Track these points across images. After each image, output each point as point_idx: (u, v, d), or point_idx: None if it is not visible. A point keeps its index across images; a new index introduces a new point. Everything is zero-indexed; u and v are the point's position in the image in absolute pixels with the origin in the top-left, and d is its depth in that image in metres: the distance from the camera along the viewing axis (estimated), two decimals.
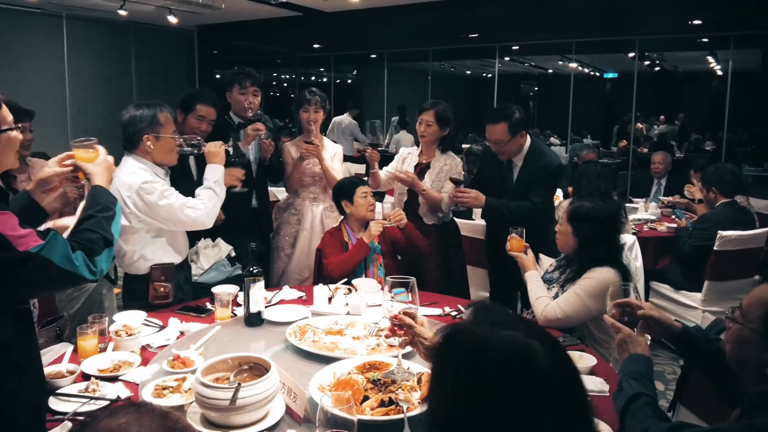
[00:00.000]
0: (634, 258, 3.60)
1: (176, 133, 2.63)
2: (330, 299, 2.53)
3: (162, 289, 2.59)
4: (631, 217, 4.69)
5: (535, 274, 2.55)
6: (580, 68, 14.48)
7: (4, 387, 1.33)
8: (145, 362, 1.96)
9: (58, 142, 3.14)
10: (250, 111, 3.27)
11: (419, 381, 1.70)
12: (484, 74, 15.05)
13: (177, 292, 2.65)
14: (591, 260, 2.39)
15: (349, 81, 14.41)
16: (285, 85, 15.09)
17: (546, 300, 2.42)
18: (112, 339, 2.07)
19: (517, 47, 10.55)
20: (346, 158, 6.09)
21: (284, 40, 10.22)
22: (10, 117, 1.55)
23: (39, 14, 7.32)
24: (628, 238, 3.58)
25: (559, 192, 4.95)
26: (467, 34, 8.92)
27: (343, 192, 3.08)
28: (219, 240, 3.17)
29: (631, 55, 9.33)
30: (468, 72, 15.82)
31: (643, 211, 4.88)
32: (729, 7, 6.74)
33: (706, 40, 8.62)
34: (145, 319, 2.30)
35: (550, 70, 16.37)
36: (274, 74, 14.90)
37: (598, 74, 15.59)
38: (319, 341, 2.06)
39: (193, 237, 3.01)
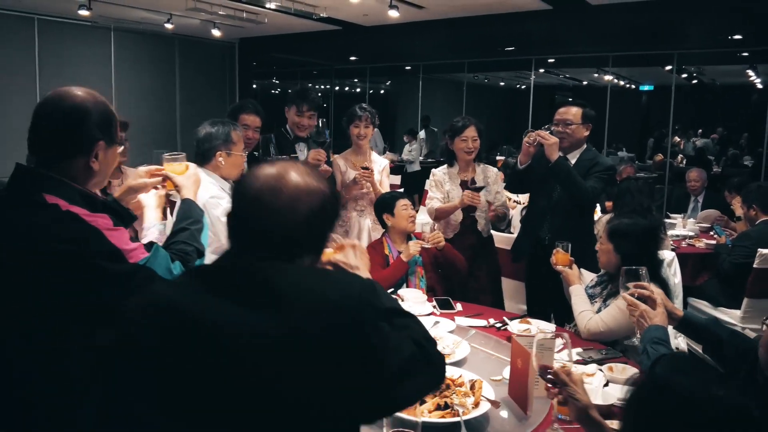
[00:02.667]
0: (673, 274, 3.62)
1: (245, 151, 2.82)
2: None
3: None
4: (669, 233, 4.70)
5: (580, 289, 2.62)
6: (615, 80, 14.42)
7: None
8: None
9: None
10: (303, 131, 3.43)
11: (472, 387, 1.79)
12: (518, 86, 15.06)
13: None
14: None
15: (383, 92, 14.58)
16: (320, 95, 15.34)
17: (589, 314, 2.49)
18: None
19: (553, 60, 10.58)
20: None
21: (322, 53, 10.45)
22: (120, 133, 1.68)
23: (88, 27, 7.67)
24: (667, 254, 3.61)
25: (597, 207, 5.00)
26: (504, 47, 9.00)
27: (384, 206, 3.19)
28: None
29: (669, 68, 9.29)
30: (502, 83, 15.85)
31: (681, 227, 4.88)
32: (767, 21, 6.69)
33: (746, 54, 8.54)
34: None
35: (585, 82, 16.31)
36: (310, 84, 15.17)
37: (633, 86, 15.47)
38: None
39: None
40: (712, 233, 4.67)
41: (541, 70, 13.23)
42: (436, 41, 8.76)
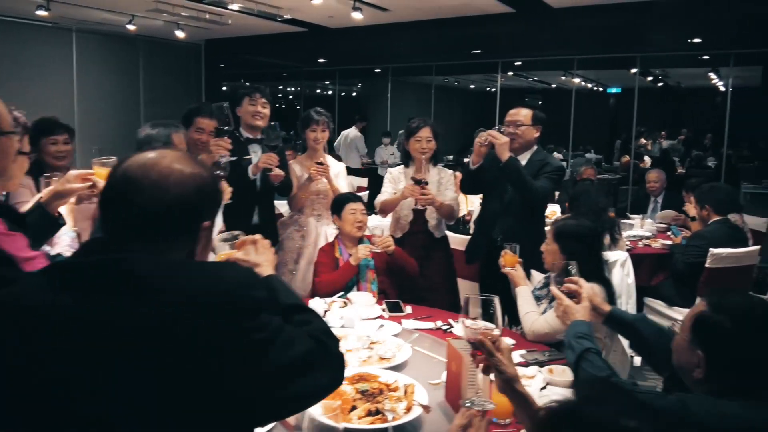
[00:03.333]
0: (626, 274, 3.66)
1: (189, 152, 2.76)
2: (325, 312, 2.60)
3: None
4: (626, 233, 4.75)
5: (526, 290, 2.62)
6: (583, 83, 14.61)
7: None
8: None
9: None
10: (259, 119, 3.36)
11: (405, 392, 1.77)
12: (489, 88, 15.18)
13: None
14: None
15: (354, 94, 14.56)
16: (291, 97, 15.26)
17: (535, 315, 2.49)
18: None
19: (519, 63, 10.67)
20: (351, 171, 6.19)
21: (290, 55, 10.38)
22: (9, 121, 1.57)
23: (49, 28, 7.50)
24: (620, 255, 3.65)
25: (557, 208, 5.04)
26: (470, 50, 9.05)
27: (334, 207, 3.18)
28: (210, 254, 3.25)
29: (634, 70, 9.45)
30: (472, 86, 15.96)
31: (638, 227, 4.94)
32: (728, 26, 6.85)
33: (707, 57, 8.72)
34: None
35: (553, 85, 16.51)
36: (280, 87, 15.08)
37: (601, 89, 15.70)
38: None
39: None
40: (669, 233, 4.74)
41: (510, 73, 13.38)
42: (404, 44, 8.77)
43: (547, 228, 3.37)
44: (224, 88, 11.22)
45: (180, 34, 7.72)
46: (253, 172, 3.29)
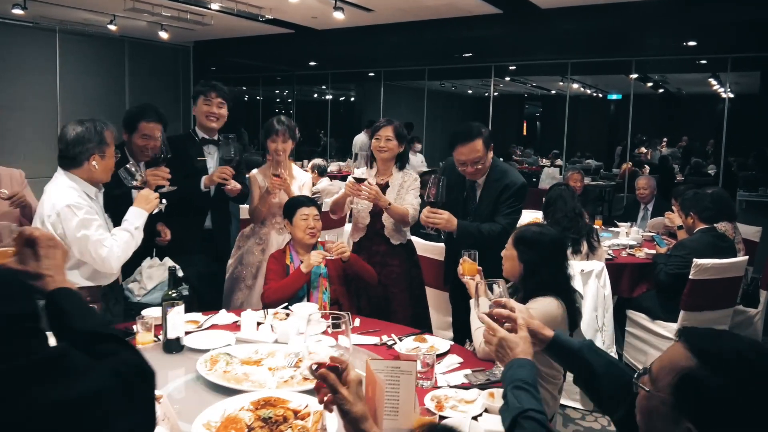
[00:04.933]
0: (602, 285, 3.46)
1: (117, 151, 2.58)
2: (258, 325, 2.41)
3: None
4: (611, 242, 4.54)
5: (482, 301, 2.42)
6: (582, 89, 14.42)
7: None
8: None
9: (49, 156, 3.08)
10: (213, 121, 3.19)
11: (320, 417, 1.57)
12: (486, 94, 15.03)
13: (105, 315, 2.54)
14: (536, 287, 2.27)
15: (348, 99, 14.41)
16: (288, 101, 15.13)
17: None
18: None
19: (514, 67, 10.49)
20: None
21: (280, 57, 10.24)
22: None
23: (31, 28, 7.36)
24: (595, 265, 3.45)
25: (539, 214, 4.83)
26: (461, 53, 8.87)
27: (285, 211, 2.99)
28: (167, 259, 3.06)
29: (634, 76, 9.25)
30: (470, 91, 15.79)
31: (624, 235, 4.72)
32: (724, 30, 6.63)
33: (704, 62, 8.50)
34: None
35: (552, 91, 16.30)
36: (277, 91, 14.95)
37: (601, 95, 15.49)
38: (230, 372, 1.94)
39: (138, 256, 2.90)
40: (654, 242, 4.52)
41: (507, 79, 13.20)
42: (393, 46, 8.60)
43: None
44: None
45: (164, 35, 7.57)
46: (206, 185, 3.11)
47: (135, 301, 2.86)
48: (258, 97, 13.96)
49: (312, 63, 10.75)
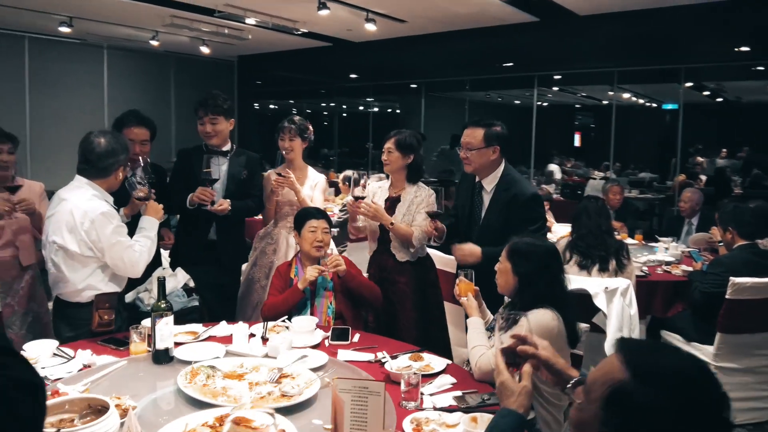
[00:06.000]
0: (628, 304, 3.25)
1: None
2: (250, 337, 2.38)
3: (106, 317, 2.53)
4: (646, 258, 4.30)
5: (477, 321, 2.31)
6: (634, 99, 13.93)
7: None
8: None
9: None
10: (211, 138, 3.22)
11: None
12: (539, 103, 14.72)
13: (116, 320, 2.58)
14: (532, 300, 2.15)
15: (392, 110, 14.42)
16: (332, 114, 15.28)
17: (482, 350, 2.17)
18: None
19: (559, 77, 10.22)
20: None
21: (321, 70, 10.35)
22: None
23: (80, 44, 7.70)
24: (620, 282, 3.25)
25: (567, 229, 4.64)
26: (502, 63, 8.71)
27: (296, 222, 2.96)
28: (179, 270, 3.08)
29: (689, 84, 8.85)
30: (517, 102, 15.51)
31: (663, 251, 4.47)
32: None
33: (761, 68, 8.03)
34: (58, 348, 2.22)
35: (604, 102, 15.81)
36: (323, 104, 15.11)
37: (655, 105, 14.92)
38: (209, 385, 1.90)
39: (149, 266, 2.92)
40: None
41: (555, 88, 12.90)
42: (431, 57, 8.55)
43: None
44: (256, 106, 11.27)
45: (205, 50, 7.77)
46: (189, 203, 3.12)
47: (146, 311, 2.89)
48: (307, 111, 14.16)
49: (353, 75, 10.81)
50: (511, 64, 8.73)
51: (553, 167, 11.76)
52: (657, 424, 0.90)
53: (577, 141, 18.79)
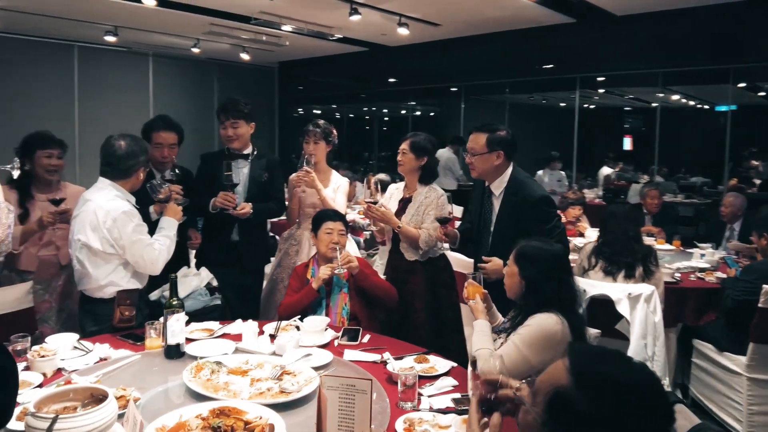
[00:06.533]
0: (652, 311, 3.16)
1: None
2: (260, 335, 2.43)
3: (127, 313, 2.63)
4: (679, 264, 4.16)
5: (483, 324, 2.30)
6: (684, 100, 13.47)
7: None
8: (46, 384, 1.97)
9: None
10: (232, 142, 3.31)
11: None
12: (584, 105, 14.41)
13: (137, 315, 2.68)
14: (538, 304, 2.13)
15: (432, 114, 14.38)
16: (373, 118, 15.37)
17: (486, 352, 2.16)
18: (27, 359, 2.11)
19: (602, 79, 9.98)
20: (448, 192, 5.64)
21: (360, 75, 10.43)
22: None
23: (126, 53, 8.02)
24: (644, 289, 3.16)
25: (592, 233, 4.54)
26: (541, 65, 8.58)
27: (313, 223, 3.01)
28: (203, 269, 3.18)
29: (742, 85, 8.49)
30: (562, 104, 15.23)
31: (697, 257, 4.31)
32: None
33: None
34: (78, 341, 2.33)
35: (654, 104, 15.33)
36: (364, 108, 15.22)
37: (707, 107, 14.38)
38: (212, 380, 1.97)
39: (174, 264, 3.02)
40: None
41: (601, 90, 12.60)
42: (469, 60, 8.50)
43: None
44: (300, 111, 11.45)
45: (245, 57, 7.96)
46: (212, 208, 3.21)
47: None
48: (349, 115, 14.28)
49: (391, 80, 10.85)
50: (551, 66, 8.59)
51: (608, 170, 11.51)
52: (592, 429, 0.90)
53: (627, 144, 18.29)
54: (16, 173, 2.32)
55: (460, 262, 3.51)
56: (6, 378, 1.00)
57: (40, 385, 1.96)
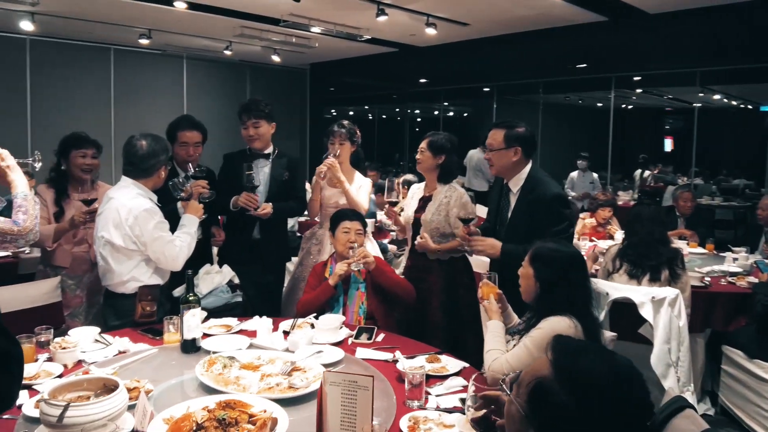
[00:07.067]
0: (677, 315, 3.08)
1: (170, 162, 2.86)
2: (273, 332, 2.46)
3: (148, 308, 2.70)
4: (710, 268, 4.04)
5: (496, 325, 2.28)
6: (725, 100, 13.06)
7: None
8: (66, 374, 2.04)
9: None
10: (254, 142, 3.36)
11: (263, 425, 1.57)
12: (622, 105, 14.12)
13: (159, 310, 2.75)
14: (552, 307, 2.10)
15: (466, 114, 14.30)
16: (404, 119, 15.37)
17: (497, 354, 2.14)
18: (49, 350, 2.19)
19: (638, 78, 9.77)
20: (478, 195, 5.57)
21: (390, 76, 10.45)
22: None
23: (161, 55, 8.21)
24: (668, 292, 3.08)
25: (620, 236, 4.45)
26: (574, 64, 8.45)
27: (331, 222, 3.03)
28: (225, 266, 3.24)
29: None
30: (599, 104, 14.96)
31: (729, 261, 4.18)
32: None
33: None
34: (100, 335, 2.40)
35: (695, 104, 14.90)
36: (396, 109, 15.24)
37: (751, 107, 13.91)
38: (224, 374, 2.00)
39: (197, 260, 3.08)
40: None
41: (638, 90, 12.33)
42: (500, 60, 8.43)
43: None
44: (333, 112, 11.52)
45: (276, 59, 8.07)
46: (233, 206, 3.26)
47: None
48: (382, 116, 14.34)
49: (422, 80, 10.84)
50: (584, 65, 8.45)
51: (641, 172, 11.28)
52: (569, 425, 0.92)
53: (668, 146, 17.83)
54: (38, 165, 2.40)
55: (478, 262, 3.49)
56: (10, 364, 1.05)
57: (60, 376, 2.03)
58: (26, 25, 6.41)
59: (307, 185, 3.94)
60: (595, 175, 8.93)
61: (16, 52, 7.39)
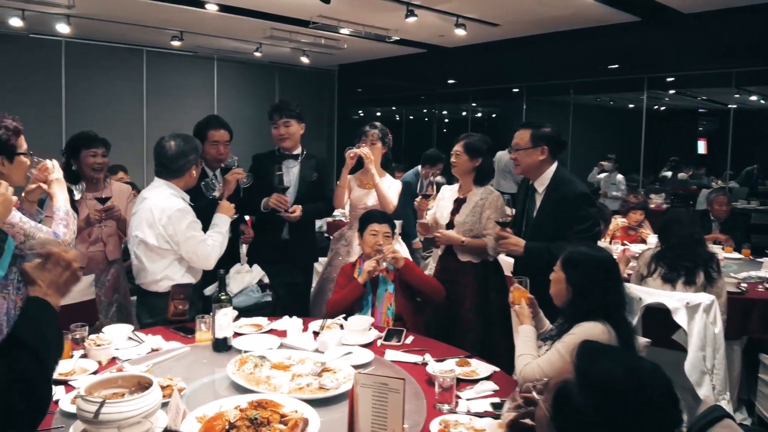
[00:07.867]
0: (712, 322, 3.00)
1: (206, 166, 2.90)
2: (303, 332, 2.48)
3: (180, 306, 2.74)
4: (747, 273, 3.94)
5: (528, 330, 2.25)
6: (763, 102, 12.71)
7: None
8: (100, 371, 2.08)
9: None
10: (284, 141, 3.39)
11: (295, 425, 1.57)
12: (654, 107, 13.87)
13: (191, 309, 2.79)
14: (584, 312, 2.07)
15: (494, 115, 14.19)
16: (433, 120, 15.32)
17: (528, 358, 2.11)
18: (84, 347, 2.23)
19: (672, 79, 9.57)
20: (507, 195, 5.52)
21: (419, 77, 10.42)
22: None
23: (192, 57, 8.33)
24: (703, 298, 3.00)
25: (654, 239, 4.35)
26: (606, 65, 8.32)
27: (360, 223, 3.03)
28: (255, 266, 3.27)
29: None
30: (631, 105, 14.71)
31: (767, 267, 4.07)
32: None
33: None
34: (133, 333, 2.44)
35: (731, 105, 14.54)
36: (424, 110, 15.19)
37: None
38: (254, 373, 2.02)
39: (228, 260, 3.11)
40: None
41: (671, 91, 12.09)
42: (529, 61, 8.35)
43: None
44: (360, 113, 11.53)
45: (305, 60, 8.12)
46: (264, 207, 3.29)
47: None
48: (409, 117, 14.28)
49: (451, 81, 10.79)
50: (616, 66, 8.31)
51: (681, 175, 11.07)
52: (588, 428, 0.93)
53: (702, 148, 17.44)
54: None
55: (510, 266, 3.46)
56: (35, 391, 1.06)
57: (95, 372, 2.06)
58: (62, 28, 6.58)
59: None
60: (620, 176, 8.77)
61: (52, 54, 7.58)
